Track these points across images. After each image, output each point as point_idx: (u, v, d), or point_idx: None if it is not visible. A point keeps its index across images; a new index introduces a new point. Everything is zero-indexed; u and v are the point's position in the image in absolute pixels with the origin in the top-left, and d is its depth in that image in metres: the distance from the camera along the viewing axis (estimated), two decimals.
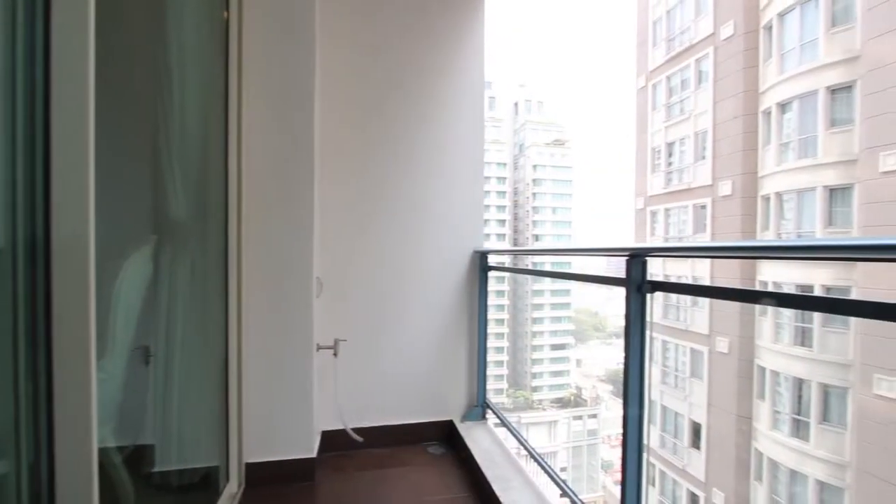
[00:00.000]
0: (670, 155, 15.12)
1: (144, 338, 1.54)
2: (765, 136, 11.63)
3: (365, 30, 2.45)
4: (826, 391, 9.93)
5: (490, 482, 1.90)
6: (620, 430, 1.14)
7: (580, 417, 41.56)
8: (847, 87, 9.71)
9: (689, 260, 14.11)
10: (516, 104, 56.39)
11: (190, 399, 1.65)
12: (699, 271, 13.81)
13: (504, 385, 45.42)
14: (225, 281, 1.83)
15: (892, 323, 0.73)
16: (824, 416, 9.96)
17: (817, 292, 10.17)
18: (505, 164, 50.68)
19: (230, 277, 1.83)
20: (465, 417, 2.55)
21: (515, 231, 53.96)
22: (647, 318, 1.12)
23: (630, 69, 17.71)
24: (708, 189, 13.32)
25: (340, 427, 2.34)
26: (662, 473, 14.74)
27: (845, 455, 9.43)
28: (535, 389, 47.28)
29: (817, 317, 10.06)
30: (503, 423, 2.40)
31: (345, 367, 2.36)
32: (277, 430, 2.05)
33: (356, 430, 2.36)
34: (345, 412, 2.36)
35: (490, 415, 2.58)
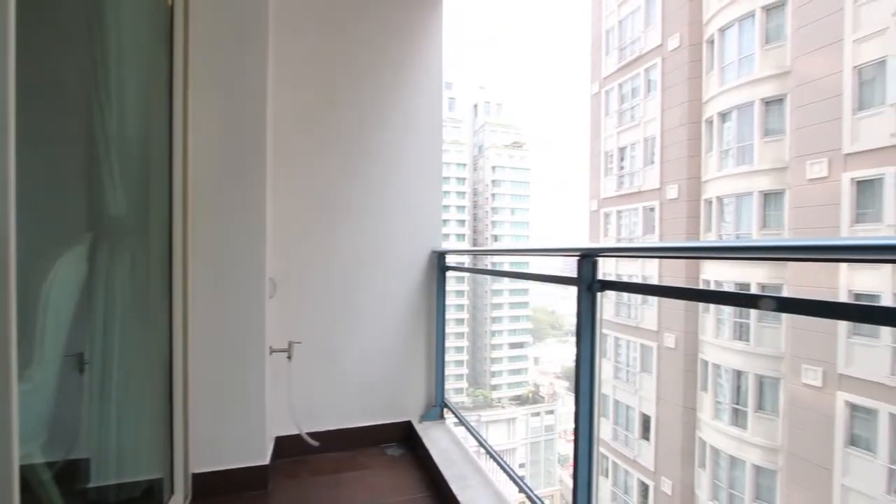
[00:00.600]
0: (622, 159, 15.78)
1: (79, 344, 1.44)
2: (707, 144, 12.37)
3: (320, 28, 2.40)
4: (761, 382, 10.68)
5: (448, 482, 1.90)
6: (573, 426, 1.17)
7: (538, 414, 42.56)
8: (779, 100, 10.49)
9: (640, 260, 14.78)
10: (476, 106, 57.03)
11: (129, 408, 1.56)
12: (648, 270, 14.49)
13: (464, 384, 45.80)
14: (169, 282, 1.73)
15: (817, 318, 0.80)
16: (760, 405, 10.70)
17: (754, 290, 10.91)
18: (465, 165, 51.14)
19: (175, 278, 1.74)
20: (424, 418, 2.54)
21: (475, 231, 54.54)
22: (598, 316, 1.16)
23: (585, 75, 18.32)
24: (656, 192, 14.00)
25: (295, 432, 2.28)
26: (615, 465, 15.35)
27: (777, 440, 10.18)
28: (494, 388, 47.96)
29: (754, 312, 10.79)
30: (461, 423, 2.42)
31: (300, 370, 2.30)
32: (228, 437, 1.96)
33: (312, 435, 2.30)
34: (300, 416, 2.29)
35: (448, 414, 2.59)
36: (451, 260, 2.59)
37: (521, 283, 50.04)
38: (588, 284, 1.15)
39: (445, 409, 2.59)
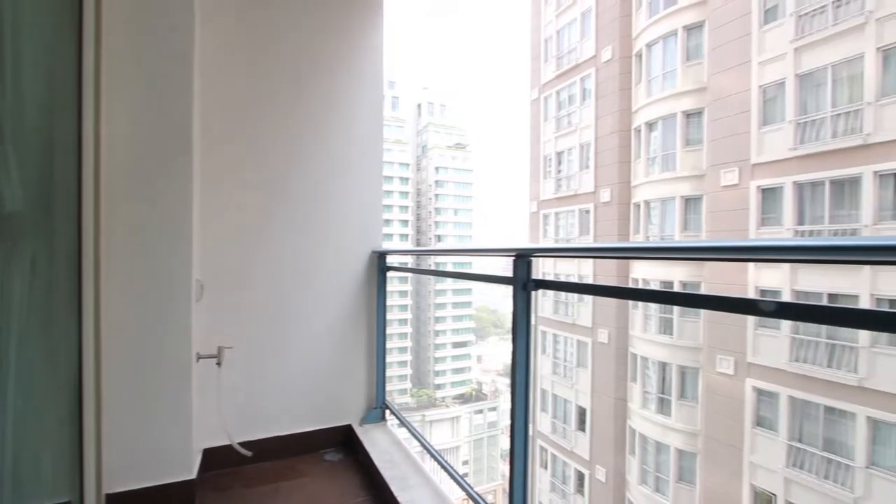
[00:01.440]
0: (560, 163, 16.47)
1: None
2: (636, 151, 13.22)
3: (255, 21, 2.29)
4: (683, 372, 11.59)
5: (388, 483, 1.89)
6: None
7: (481, 411, 43.36)
8: (698, 113, 11.44)
9: (577, 260, 15.50)
10: (419, 106, 57.11)
11: (28, 424, 1.39)
12: (584, 270, 15.24)
13: (408, 385, 45.67)
14: (78, 284, 1.57)
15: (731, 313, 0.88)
16: (682, 394, 11.61)
17: (676, 288, 11.80)
18: (408, 165, 51.00)
19: (85, 280, 1.58)
20: (364, 420, 2.51)
21: (418, 231, 54.57)
22: (533, 314, 1.20)
23: (525, 81, 18.92)
24: (591, 195, 14.76)
25: (226, 442, 2.16)
26: (554, 457, 15.99)
27: (697, 425, 11.09)
28: (438, 387, 48.24)
29: (677, 307, 11.66)
30: (403, 424, 2.40)
31: (232, 376, 2.18)
32: (149, 452, 1.82)
33: (245, 444, 2.19)
34: (231, 425, 2.17)
35: (390, 416, 2.57)
36: (392, 260, 2.57)
37: (464, 283, 50.74)
38: (523, 284, 1.19)
39: (387, 411, 2.57)
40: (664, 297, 1.09)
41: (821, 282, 8.68)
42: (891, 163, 7.68)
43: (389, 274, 2.54)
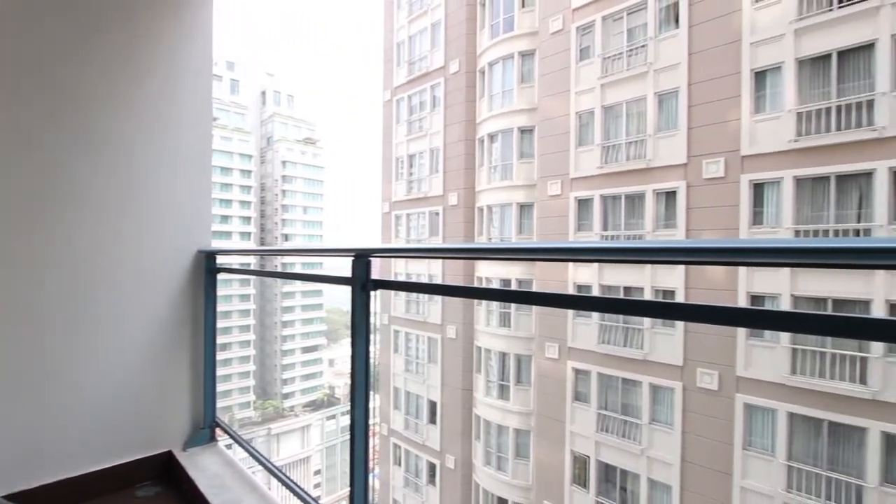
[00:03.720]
0: (412, 166, 16.95)
1: None
2: (480, 159, 14.37)
3: None
4: (519, 360, 12.99)
5: None
6: (373, 422, 1.18)
7: (334, 416, 42.06)
8: (530, 130, 12.96)
9: (427, 260, 16.15)
10: (264, 93, 52.87)
11: None
12: (434, 269, 15.96)
13: (251, 397, 41.75)
14: None
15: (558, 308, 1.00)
16: (518, 379, 13.01)
17: (513, 286, 13.17)
18: (251, 157, 46.73)
19: None
20: (189, 444, 2.19)
21: (263, 230, 50.41)
22: (373, 314, 1.20)
23: (378, 82, 18.97)
24: (440, 199, 15.54)
25: None
26: (407, 452, 16.37)
27: (530, 405, 12.55)
28: (286, 396, 45.22)
29: (513, 305, 13.01)
30: (237, 441, 2.17)
31: (8, 410, 1.69)
32: None
33: (24, 494, 1.71)
34: (2, 473, 1.68)
35: (222, 435, 2.29)
36: (225, 261, 2.30)
37: (315, 285, 48.56)
38: (362, 284, 1.17)
39: (218, 430, 2.29)
40: (499, 294, 1.19)
41: (620, 277, 10.62)
42: (665, 183, 9.79)
43: (222, 276, 2.27)
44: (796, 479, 7.92)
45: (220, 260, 2.26)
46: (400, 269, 17.41)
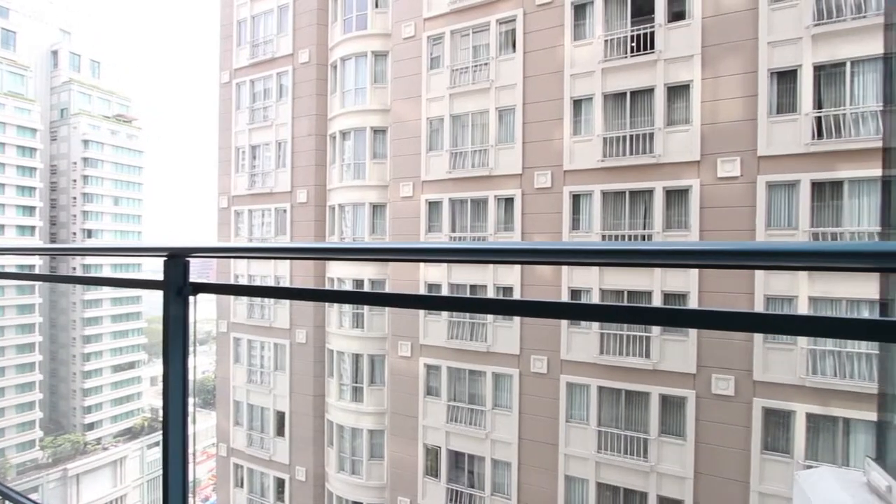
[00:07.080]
0: (255, 158, 15.50)
1: None
2: (332, 156, 13.87)
3: None
4: (373, 360, 12.98)
5: None
6: (210, 443, 1.01)
7: (158, 443, 36.13)
8: (383, 131, 13.00)
9: (273, 260, 14.99)
10: (56, 53, 42.62)
11: None
12: (281, 270, 14.90)
13: (36, 434, 33.23)
14: None
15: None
16: (372, 379, 12.98)
17: (367, 287, 13.08)
18: (35, 131, 37.26)
19: None
20: None
21: (54, 223, 40.74)
22: (192, 322, 1.06)
23: (214, 61, 16.85)
24: (288, 195, 14.55)
25: None
26: (251, 471, 14.97)
27: (384, 404, 12.65)
28: (90, 427, 37.25)
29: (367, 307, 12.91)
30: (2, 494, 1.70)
31: None
32: None
33: None
34: None
35: None
36: None
37: (132, 291, 40.99)
38: (178, 288, 1.01)
39: None
40: (347, 297, 1.16)
41: (467, 276, 11.40)
42: (505, 190, 10.83)
43: None
44: (604, 441, 9.62)
45: None
46: (241, 271, 15.81)
